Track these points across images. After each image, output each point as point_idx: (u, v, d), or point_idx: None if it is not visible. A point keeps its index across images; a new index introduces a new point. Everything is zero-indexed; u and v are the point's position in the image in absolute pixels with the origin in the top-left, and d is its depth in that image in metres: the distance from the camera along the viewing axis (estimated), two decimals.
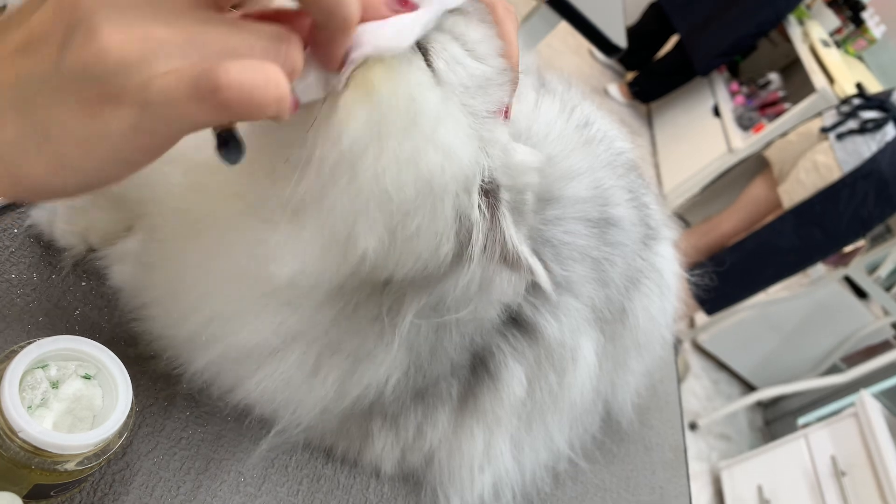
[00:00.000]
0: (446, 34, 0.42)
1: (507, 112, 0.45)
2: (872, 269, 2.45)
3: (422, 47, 0.40)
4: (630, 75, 4.07)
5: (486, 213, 0.43)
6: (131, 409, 0.43)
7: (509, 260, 0.43)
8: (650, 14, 3.85)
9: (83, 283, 0.55)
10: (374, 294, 0.46)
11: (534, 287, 0.55)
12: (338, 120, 0.38)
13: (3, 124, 0.30)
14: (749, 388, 2.88)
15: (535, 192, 0.46)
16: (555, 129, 0.61)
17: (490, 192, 0.43)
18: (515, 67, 0.46)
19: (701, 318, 2.77)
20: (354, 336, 0.48)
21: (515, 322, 0.56)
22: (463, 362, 0.55)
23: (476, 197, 0.42)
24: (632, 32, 3.40)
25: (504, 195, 0.43)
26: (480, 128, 0.42)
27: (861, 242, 2.42)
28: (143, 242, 0.51)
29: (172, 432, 0.52)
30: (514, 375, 0.57)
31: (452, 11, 0.43)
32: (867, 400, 2.00)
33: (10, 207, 0.55)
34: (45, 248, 0.54)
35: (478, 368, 0.56)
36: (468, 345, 0.54)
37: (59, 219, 0.54)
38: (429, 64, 0.40)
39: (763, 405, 2.88)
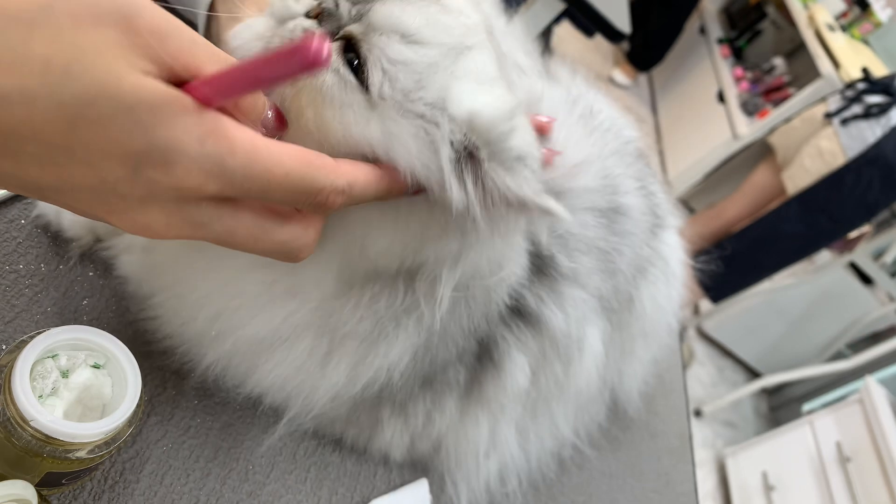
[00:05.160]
0: (382, 32, 0.39)
1: None
2: (878, 255, 2.44)
3: (361, 56, 0.39)
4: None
5: (469, 180, 0.40)
6: (140, 397, 0.43)
7: (516, 206, 0.40)
8: None
9: (91, 274, 0.55)
10: (399, 282, 0.46)
11: (538, 275, 0.55)
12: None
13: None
14: (754, 374, 2.88)
15: (521, 128, 0.42)
16: (560, 118, 0.61)
17: (469, 157, 0.40)
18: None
19: (706, 305, 2.77)
20: (370, 323, 0.48)
21: (520, 313, 0.56)
22: (469, 349, 0.55)
23: (453, 186, 0.39)
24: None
25: (482, 154, 0.40)
26: (432, 124, 0.39)
27: (866, 228, 2.41)
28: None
29: (181, 421, 0.53)
30: (517, 365, 0.58)
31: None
32: (872, 386, 2.00)
33: (17, 198, 0.55)
34: (53, 238, 0.55)
35: (483, 357, 0.57)
36: (475, 330, 0.54)
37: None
38: (362, 79, 0.39)
39: (768, 392, 2.88)
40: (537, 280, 0.55)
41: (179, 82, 0.31)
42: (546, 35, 3.53)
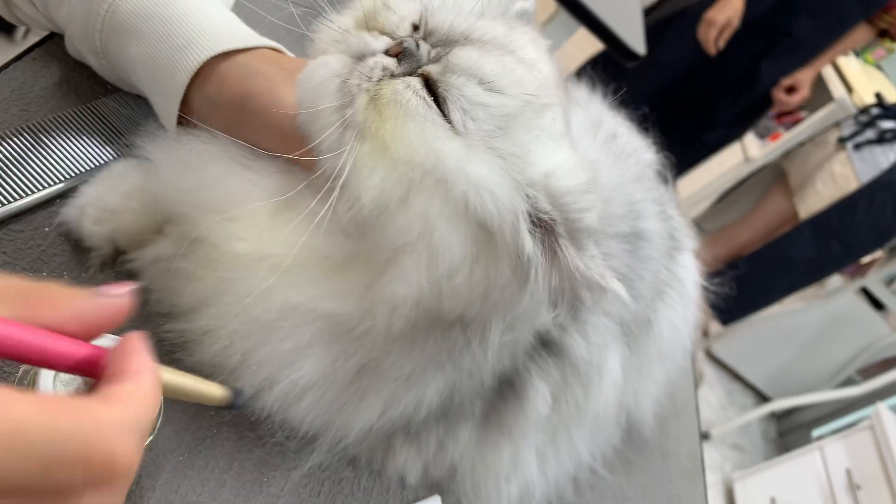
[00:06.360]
0: (460, 75, 0.40)
1: None
2: (890, 281, 2.43)
3: (439, 96, 0.40)
4: None
5: (541, 246, 0.41)
6: (159, 407, 0.43)
7: (581, 282, 0.42)
8: None
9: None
10: (456, 328, 0.46)
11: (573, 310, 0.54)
12: (358, 181, 0.39)
13: None
14: (763, 398, 2.86)
15: (594, 207, 0.44)
16: (583, 145, 0.60)
17: (542, 223, 0.42)
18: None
19: (715, 327, 2.76)
20: (413, 365, 0.48)
21: (543, 343, 0.56)
22: (491, 384, 0.55)
23: (525, 234, 0.41)
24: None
25: (559, 229, 0.42)
26: (513, 170, 0.41)
27: (879, 253, 2.40)
28: (177, 249, 0.50)
29: (197, 431, 0.53)
30: (539, 394, 0.57)
31: (464, 44, 0.42)
32: (883, 413, 1.98)
33: (42, 205, 0.55)
34: (74, 247, 0.55)
35: (503, 388, 0.56)
36: (501, 371, 0.54)
37: (87, 218, 0.53)
38: (445, 115, 0.40)
39: (777, 416, 2.86)
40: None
41: None
42: None
